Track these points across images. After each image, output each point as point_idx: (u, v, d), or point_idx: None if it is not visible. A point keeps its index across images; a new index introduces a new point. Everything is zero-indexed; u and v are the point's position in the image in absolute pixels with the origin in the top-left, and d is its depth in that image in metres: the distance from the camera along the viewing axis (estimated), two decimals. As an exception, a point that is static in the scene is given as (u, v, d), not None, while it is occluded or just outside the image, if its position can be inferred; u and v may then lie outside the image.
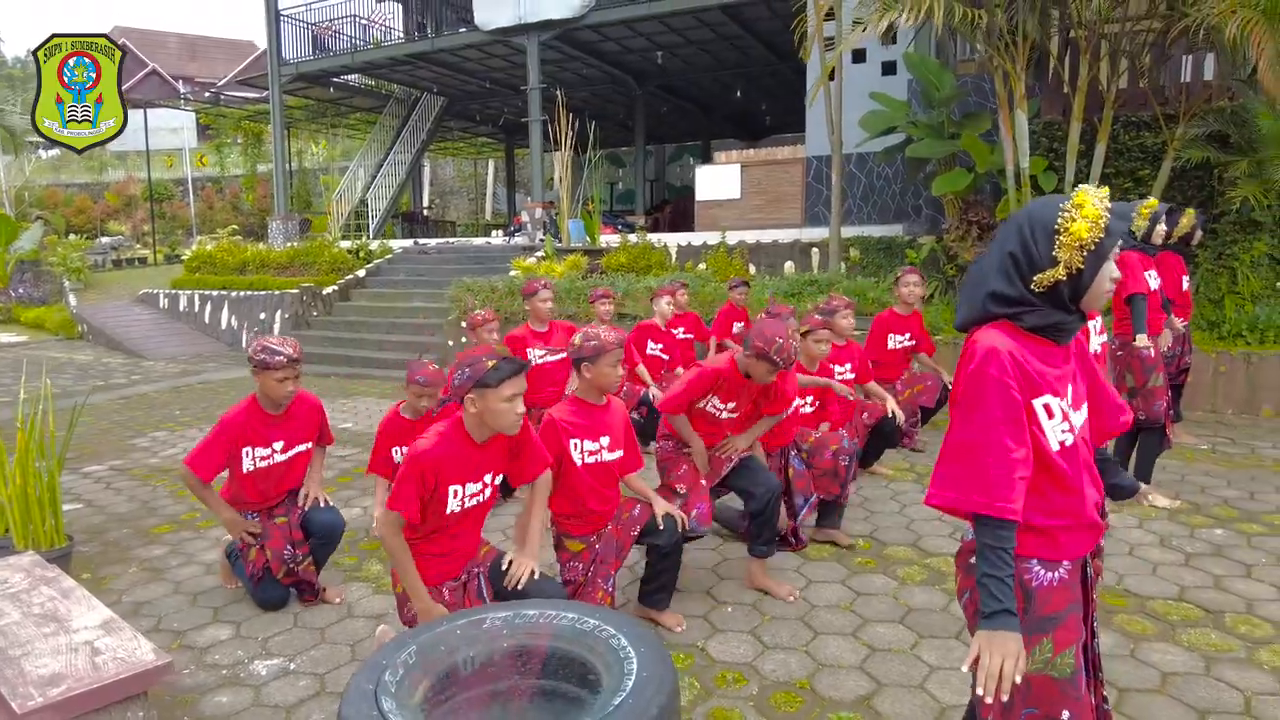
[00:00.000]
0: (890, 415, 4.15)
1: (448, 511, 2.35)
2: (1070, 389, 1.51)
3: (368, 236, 14.81)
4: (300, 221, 15.89)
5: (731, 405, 3.20)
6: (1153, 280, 4.19)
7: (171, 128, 26.10)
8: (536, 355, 4.68)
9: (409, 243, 13.51)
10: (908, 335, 5.08)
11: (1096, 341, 2.41)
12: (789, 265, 9.78)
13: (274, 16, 14.84)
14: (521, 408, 2.34)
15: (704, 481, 3.16)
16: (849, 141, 9.59)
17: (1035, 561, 1.47)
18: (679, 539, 2.91)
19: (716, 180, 12.44)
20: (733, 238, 10.33)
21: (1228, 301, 6.03)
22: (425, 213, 20.39)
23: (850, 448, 3.73)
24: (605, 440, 2.88)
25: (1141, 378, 4.11)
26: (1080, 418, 1.53)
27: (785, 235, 10.34)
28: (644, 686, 1.74)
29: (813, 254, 9.81)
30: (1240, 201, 5.70)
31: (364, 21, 16.26)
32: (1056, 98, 7.11)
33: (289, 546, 3.14)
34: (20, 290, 15.18)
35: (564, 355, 4.61)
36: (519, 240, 13.24)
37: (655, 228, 17.14)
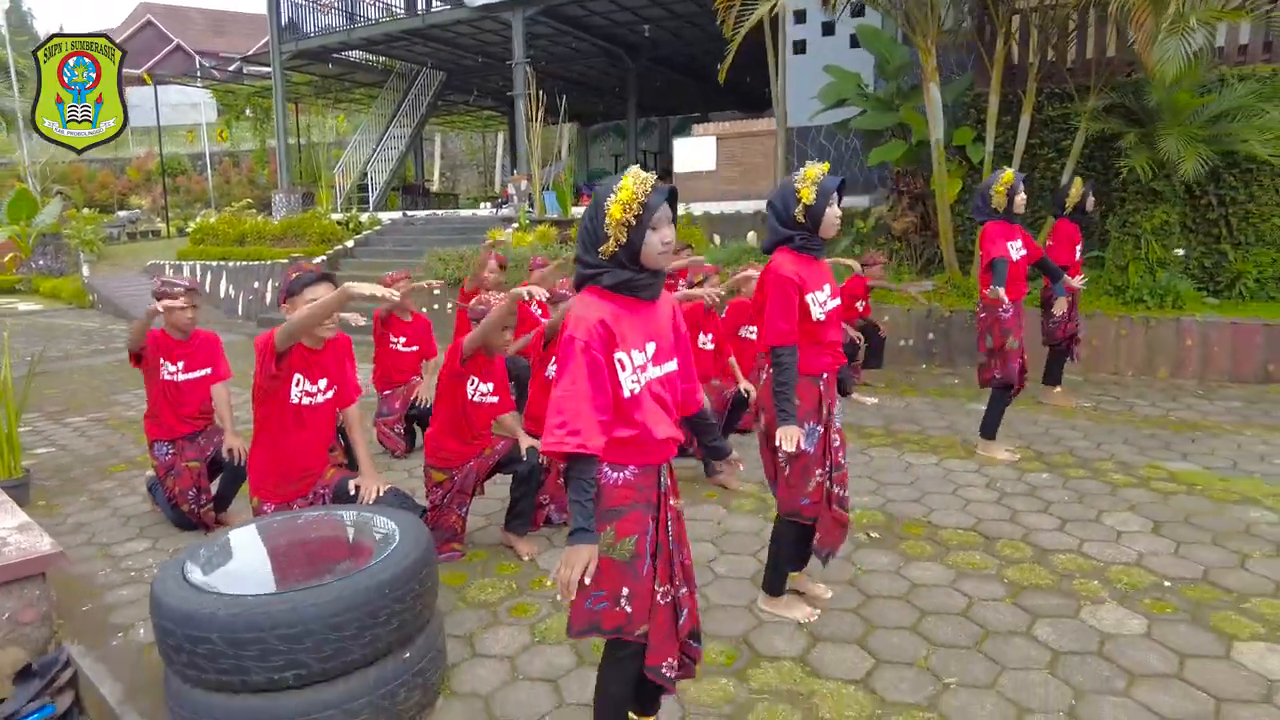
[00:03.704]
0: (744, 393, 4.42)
1: (291, 400, 2.79)
2: (653, 346, 1.86)
3: (360, 208, 15.29)
4: (303, 195, 16.46)
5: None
6: (1015, 250, 4.46)
7: (191, 103, 26.81)
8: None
9: (398, 214, 14.00)
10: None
11: (819, 311, 2.73)
12: (751, 235, 10.10)
13: (274, -6, 15.30)
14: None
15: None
16: (805, 114, 9.84)
17: (606, 465, 1.83)
18: (536, 466, 3.36)
19: (693, 152, 12.72)
20: (707, 208, 10.64)
21: (1132, 268, 6.28)
22: (426, 185, 20.85)
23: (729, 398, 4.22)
24: (490, 385, 3.38)
25: (999, 340, 4.45)
26: (660, 371, 1.88)
27: (751, 206, 10.63)
28: (391, 557, 2.24)
29: (774, 224, 10.11)
30: (1128, 170, 5.93)
31: (363, -2, 16.61)
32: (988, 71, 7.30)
33: (194, 489, 3.69)
34: (41, 262, 16.00)
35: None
36: (506, 212, 13.65)
37: (653, 199, 17.45)
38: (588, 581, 1.73)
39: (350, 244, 12.17)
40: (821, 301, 2.67)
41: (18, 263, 16.16)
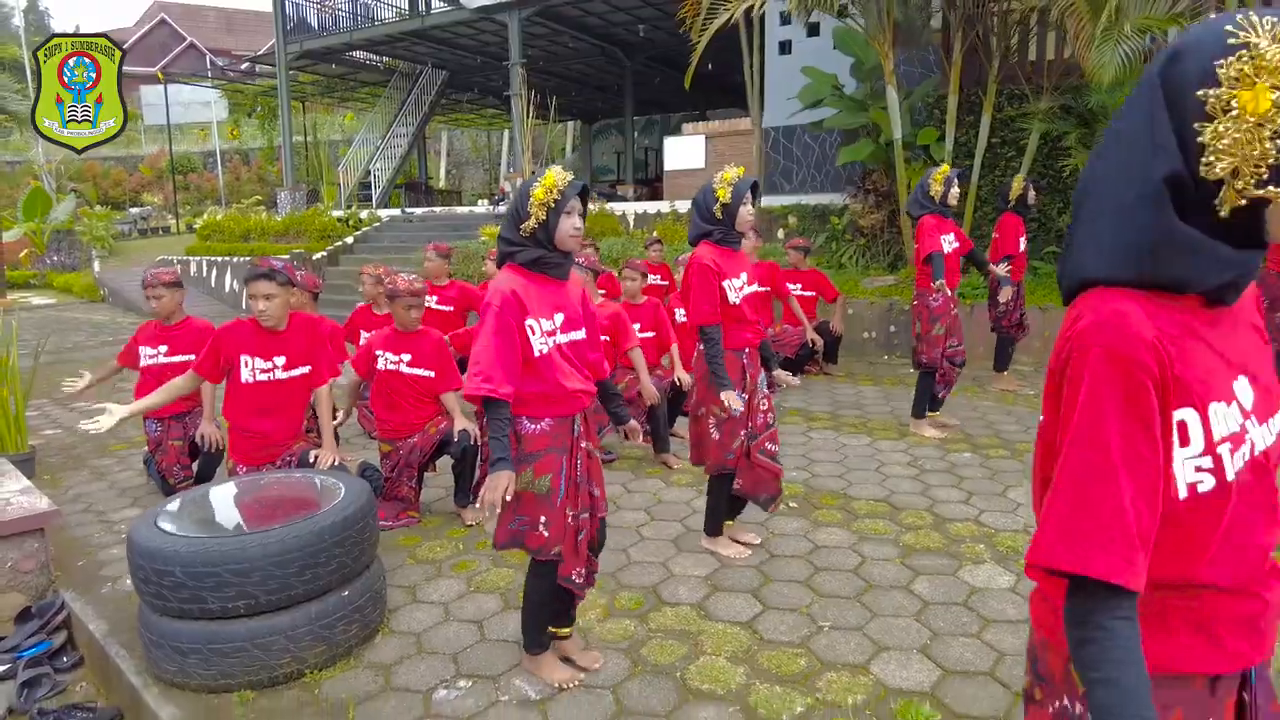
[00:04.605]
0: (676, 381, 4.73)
1: (243, 380, 3.18)
2: (561, 316, 2.26)
3: (361, 205, 15.69)
4: (308, 192, 16.90)
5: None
6: (948, 243, 4.78)
7: (203, 101, 27.40)
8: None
9: (396, 211, 14.40)
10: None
11: (735, 295, 3.10)
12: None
13: (279, -2, 15.73)
14: (261, 306, 3.14)
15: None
16: (783, 113, 10.14)
17: (524, 418, 2.25)
18: (468, 447, 3.72)
19: (683, 151, 13.04)
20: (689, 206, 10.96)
21: (1082, 263, 6.56)
22: (429, 182, 21.25)
23: (666, 388, 4.56)
24: (407, 357, 3.74)
25: (926, 326, 4.77)
26: (567, 338, 2.28)
27: (734, 203, 10.93)
28: (332, 510, 2.60)
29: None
30: (1073, 169, 6.22)
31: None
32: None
33: (178, 466, 4.09)
34: (55, 258, 16.54)
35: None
36: (502, 209, 14.03)
37: (654, 196, 17.79)
38: (508, 499, 2.11)
39: (350, 240, 12.58)
40: (738, 287, 3.04)
41: (33, 258, 16.69)
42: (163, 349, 4.17)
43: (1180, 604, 0.99)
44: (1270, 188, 0.86)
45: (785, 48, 11.87)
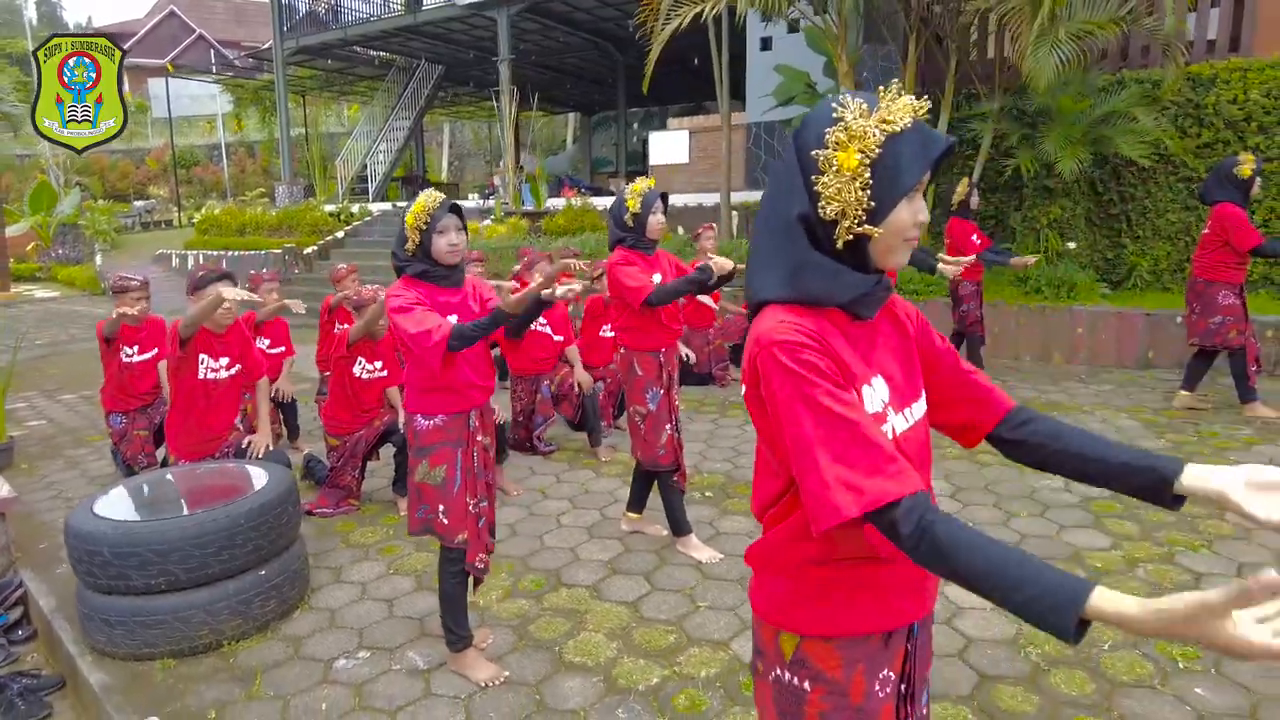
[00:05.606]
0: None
1: (199, 376, 3.45)
2: (454, 317, 2.49)
3: (352, 199, 15.95)
4: (305, 186, 17.19)
5: None
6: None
7: (211, 94, 27.76)
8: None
9: (388, 205, 14.66)
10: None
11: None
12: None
13: (275, -6, 15.98)
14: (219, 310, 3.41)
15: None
16: (763, 109, 10.30)
17: (418, 416, 2.50)
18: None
19: (668, 145, 13.21)
20: (674, 201, 11.16)
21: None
22: (425, 176, 21.51)
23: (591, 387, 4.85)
24: (379, 364, 4.01)
25: None
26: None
27: (712, 199, 11.14)
28: (251, 497, 2.86)
29: (733, 216, 10.62)
30: (1021, 168, 6.38)
31: (360, -6, 17.19)
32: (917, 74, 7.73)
33: (143, 455, 4.37)
34: (60, 251, 16.93)
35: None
36: (491, 203, 14.26)
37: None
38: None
39: (340, 234, 12.86)
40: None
41: (39, 252, 17.11)
42: (135, 348, 4.44)
43: (858, 575, 1.19)
44: (868, 226, 1.10)
45: (766, 44, 12.04)
